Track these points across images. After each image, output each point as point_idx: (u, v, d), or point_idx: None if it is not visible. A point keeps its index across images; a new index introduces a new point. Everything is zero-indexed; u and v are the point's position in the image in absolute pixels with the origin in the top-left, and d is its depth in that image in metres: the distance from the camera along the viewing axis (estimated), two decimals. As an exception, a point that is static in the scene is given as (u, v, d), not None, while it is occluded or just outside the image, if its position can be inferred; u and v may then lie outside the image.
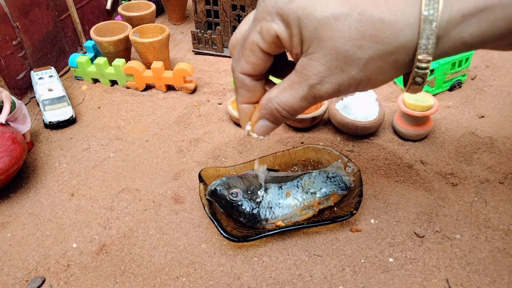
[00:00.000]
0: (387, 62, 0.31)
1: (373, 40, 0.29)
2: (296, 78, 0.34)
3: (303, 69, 0.32)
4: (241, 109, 0.39)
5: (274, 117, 0.37)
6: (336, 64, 0.31)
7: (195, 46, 0.88)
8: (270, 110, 0.36)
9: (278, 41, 0.33)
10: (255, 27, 0.34)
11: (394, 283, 0.43)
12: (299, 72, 0.33)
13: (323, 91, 0.33)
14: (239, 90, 0.38)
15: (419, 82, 0.31)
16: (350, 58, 0.30)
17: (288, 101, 0.35)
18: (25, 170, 0.60)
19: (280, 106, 0.36)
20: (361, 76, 0.31)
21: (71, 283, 0.45)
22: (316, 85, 0.32)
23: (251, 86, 0.37)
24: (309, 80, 0.32)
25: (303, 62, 0.32)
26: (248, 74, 0.37)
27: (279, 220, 0.48)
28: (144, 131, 0.67)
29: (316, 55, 0.31)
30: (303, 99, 0.34)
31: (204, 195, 0.50)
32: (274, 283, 0.44)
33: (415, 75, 0.31)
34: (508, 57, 0.81)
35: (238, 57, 0.36)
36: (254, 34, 0.34)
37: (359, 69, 0.31)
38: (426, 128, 0.60)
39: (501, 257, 0.45)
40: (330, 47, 0.30)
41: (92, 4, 0.90)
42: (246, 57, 0.35)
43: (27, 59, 0.74)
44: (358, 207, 0.48)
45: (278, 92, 0.35)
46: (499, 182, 0.54)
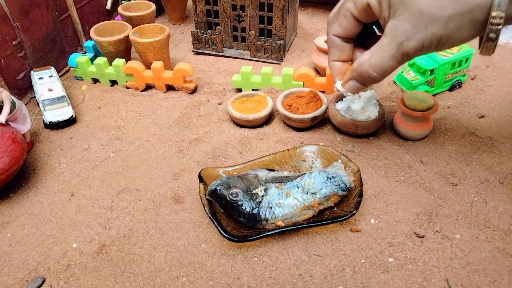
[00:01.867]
0: (465, 20, 0.35)
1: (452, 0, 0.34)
2: (385, 40, 0.39)
3: (392, 29, 0.38)
4: (332, 65, 0.47)
5: (363, 79, 0.43)
6: (421, 23, 0.36)
7: (195, 46, 0.88)
8: (361, 73, 0.43)
9: (368, 8, 0.39)
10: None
11: (394, 283, 0.43)
12: (388, 34, 0.39)
13: (409, 47, 0.38)
14: (330, 49, 0.46)
15: (493, 38, 0.36)
16: (433, 16, 0.35)
17: (378, 62, 0.40)
18: (25, 170, 0.60)
19: (371, 68, 0.41)
20: (442, 33, 0.36)
21: (71, 283, 0.45)
22: (404, 42, 0.38)
23: (341, 46, 0.45)
24: (397, 38, 0.38)
25: (391, 24, 0.38)
26: (339, 36, 0.44)
27: (279, 220, 0.48)
28: (144, 131, 0.67)
29: (403, 16, 0.37)
30: (392, 58, 0.39)
31: (204, 195, 0.50)
32: (274, 283, 0.44)
33: (489, 31, 0.35)
34: (508, 57, 0.81)
35: (332, 21, 0.44)
36: (348, 3, 0.41)
37: (440, 26, 0.36)
38: (426, 128, 0.60)
39: (501, 257, 0.45)
40: (416, 8, 0.36)
41: (92, 4, 0.90)
42: (339, 21, 0.42)
43: (27, 59, 0.74)
44: (358, 207, 0.48)
45: (369, 56, 0.41)
46: (499, 182, 0.54)
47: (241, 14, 0.81)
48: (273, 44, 0.81)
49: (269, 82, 0.73)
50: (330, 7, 1.06)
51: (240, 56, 0.86)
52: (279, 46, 0.81)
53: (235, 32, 0.84)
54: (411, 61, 0.71)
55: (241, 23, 0.82)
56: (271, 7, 0.78)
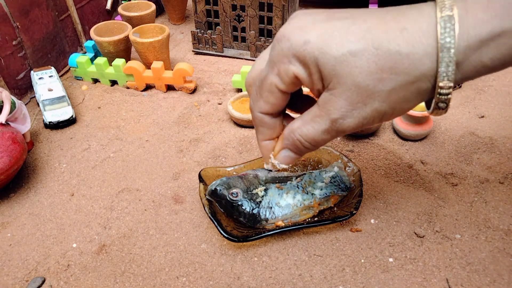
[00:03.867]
0: (410, 91, 0.31)
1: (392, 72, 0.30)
2: (318, 112, 0.34)
3: (325, 103, 0.33)
4: (263, 145, 0.40)
5: (296, 148, 0.38)
6: (358, 99, 0.31)
7: (195, 46, 0.88)
8: (293, 141, 0.37)
9: (297, 81, 0.34)
10: (272, 69, 0.34)
11: (394, 283, 0.43)
12: (321, 106, 0.33)
13: (345, 125, 0.33)
14: (259, 128, 0.39)
15: (443, 107, 0.32)
16: (371, 91, 0.31)
17: (310, 134, 0.35)
18: (25, 170, 0.60)
19: (302, 137, 0.36)
20: (385, 108, 0.32)
21: (71, 283, 0.45)
22: (339, 119, 0.33)
23: (270, 123, 0.38)
24: (331, 115, 0.33)
25: (325, 96, 0.33)
26: (267, 113, 0.37)
27: (279, 220, 0.48)
28: (144, 131, 0.67)
29: (336, 90, 0.31)
30: (325, 133, 0.35)
31: (204, 195, 0.50)
32: (274, 283, 0.44)
33: (438, 100, 0.31)
34: (508, 57, 0.81)
35: (256, 98, 0.37)
36: (272, 77, 0.34)
37: (382, 101, 0.31)
38: (426, 128, 0.60)
39: (501, 257, 0.45)
40: (350, 83, 0.31)
41: (92, 4, 0.90)
42: (264, 98, 0.36)
43: (27, 59, 0.74)
44: (358, 207, 0.48)
45: (301, 124, 0.36)
46: (499, 182, 0.54)
47: (241, 14, 0.81)
48: (273, 44, 0.81)
49: (269, 82, 0.73)
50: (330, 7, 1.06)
51: (240, 56, 0.86)
52: (279, 46, 0.81)
53: (235, 32, 0.84)
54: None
55: (241, 23, 0.82)
56: (271, 7, 0.78)
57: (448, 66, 0.28)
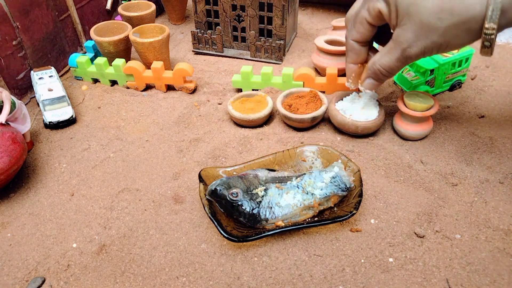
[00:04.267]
0: (461, 30, 0.40)
1: (449, 13, 0.39)
2: (392, 44, 0.46)
3: (397, 37, 0.44)
4: (349, 67, 0.54)
5: (377, 76, 0.50)
6: (422, 32, 0.41)
7: (195, 46, 0.88)
8: (374, 71, 0.50)
9: (380, 15, 0.45)
10: (364, 5, 0.47)
11: (394, 283, 0.43)
12: (394, 40, 0.45)
13: (412, 53, 0.44)
14: (349, 53, 0.52)
15: (488, 45, 0.40)
16: (432, 27, 0.40)
17: (386, 63, 0.47)
18: (25, 170, 0.60)
19: (381, 67, 0.48)
20: (441, 41, 0.41)
21: (71, 283, 0.45)
22: (407, 48, 0.44)
23: (358, 49, 0.51)
24: (401, 45, 0.44)
25: (397, 31, 0.44)
26: (357, 41, 0.50)
27: (279, 220, 0.48)
28: (144, 131, 0.67)
29: (406, 26, 0.42)
30: (398, 60, 0.46)
31: (204, 195, 0.50)
32: (274, 283, 0.44)
33: (484, 39, 0.39)
34: (508, 57, 0.81)
35: (350, 28, 0.50)
36: (363, 11, 0.47)
37: (439, 35, 0.41)
38: (426, 128, 0.60)
39: (501, 257, 0.45)
40: (417, 19, 0.41)
41: (92, 4, 0.90)
42: (357, 28, 0.49)
43: (27, 59, 0.74)
44: (358, 207, 0.48)
45: (380, 57, 0.48)
46: (499, 182, 0.54)
47: (241, 14, 0.81)
48: (273, 44, 0.81)
49: (269, 82, 0.73)
50: (330, 7, 1.06)
51: (240, 56, 0.86)
52: (279, 46, 0.81)
53: (235, 32, 0.84)
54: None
55: (241, 23, 0.82)
56: (271, 7, 0.78)
57: (493, 11, 0.37)
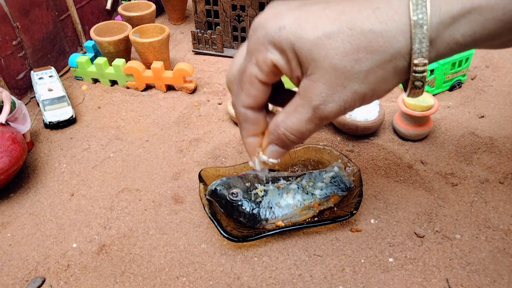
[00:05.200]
0: (387, 70, 0.31)
1: (368, 51, 0.29)
2: (299, 101, 0.33)
3: (305, 91, 0.32)
4: (247, 142, 0.39)
5: (282, 142, 0.37)
6: (337, 82, 0.31)
7: (195, 46, 0.88)
8: (278, 135, 0.36)
9: (275, 69, 0.33)
10: (250, 59, 0.34)
11: (394, 283, 0.43)
12: (302, 95, 0.33)
13: (328, 111, 0.32)
14: (243, 124, 0.38)
15: (419, 85, 0.31)
16: (349, 73, 0.30)
17: (294, 125, 0.35)
18: (25, 170, 0.60)
19: (287, 130, 0.35)
20: (364, 89, 0.31)
21: (71, 283, 0.45)
22: (320, 105, 0.32)
23: (254, 118, 0.38)
24: (312, 102, 0.32)
25: (304, 84, 0.32)
26: (250, 107, 0.37)
27: (279, 220, 0.48)
28: (144, 131, 0.67)
29: (315, 76, 0.31)
30: (309, 122, 0.34)
31: (204, 195, 0.50)
32: (274, 283, 0.44)
33: (414, 79, 0.31)
34: (508, 57, 0.81)
35: (237, 92, 0.37)
36: (251, 67, 0.34)
37: (360, 82, 0.31)
38: (426, 128, 0.60)
39: (501, 257, 0.45)
40: (328, 66, 0.30)
41: (92, 4, 0.90)
42: (246, 90, 0.35)
43: (27, 59, 0.74)
44: (358, 207, 0.48)
45: (284, 117, 0.35)
46: (499, 182, 0.54)
47: (241, 14, 0.81)
48: (273, 44, 0.81)
49: (269, 82, 0.73)
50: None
51: (240, 56, 0.86)
52: (279, 46, 0.81)
53: (235, 32, 0.84)
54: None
55: (241, 23, 0.82)
56: (271, 7, 0.78)
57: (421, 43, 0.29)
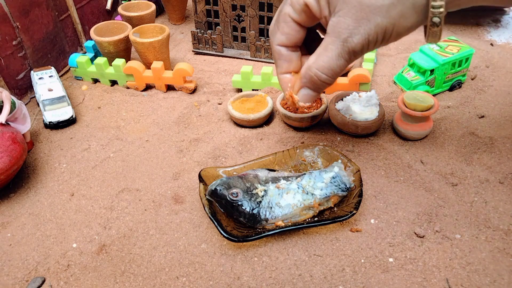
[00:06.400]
0: (407, 6, 0.33)
1: None
2: (328, 39, 0.36)
3: (334, 27, 0.35)
4: (281, 78, 0.42)
5: (314, 84, 0.39)
6: (362, 15, 0.34)
7: (195, 46, 0.88)
8: (310, 78, 0.39)
9: (307, 8, 0.36)
10: (286, 1, 0.37)
11: (394, 283, 0.43)
12: (331, 32, 0.36)
13: (354, 42, 0.35)
14: (277, 61, 0.41)
15: (437, 22, 0.34)
16: (373, 6, 0.33)
17: (325, 63, 0.37)
18: (25, 170, 0.60)
19: (319, 70, 0.38)
20: (386, 23, 0.34)
21: (71, 283, 0.45)
22: (348, 38, 0.35)
23: (287, 56, 0.40)
24: (341, 35, 0.35)
25: (332, 21, 0.35)
26: (284, 45, 0.39)
27: (279, 220, 0.48)
28: (144, 131, 0.67)
29: (343, 11, 0.34)
30: (339, 57, 0.36)
31: (204, 195, 0.50)
32: (274, 283, 0.44)
33: (432, 15, 0.34)
34: (508, 57, 0.81)
35: (273, 30, 0.40)
36: (286, 7, 0.37)
37: (383, 16, 0.34)
38: (426, 128, 0.60)
39: (501, 257, 0.45)
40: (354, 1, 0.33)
41: (92, 4, 0.90)
42: (280, 28, 0.39)
43: (27, 59, 0.74)
44: (358, 207, 0.48)
45: (316, 58, 0.38)
46: (499, 182, 0.54)
47: (241, 14, 0.81)
48: (273, 44, 0.81)
49: (269, 82, 0.73)
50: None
51: (240, 56, 0.86)
52: (279, 46, 0.81)
53: (235, 32, 0.84)
54: (411, 61, 0.71)
55: (241, 23, 0.82)
56: (271, 7, 0.78)
57: None
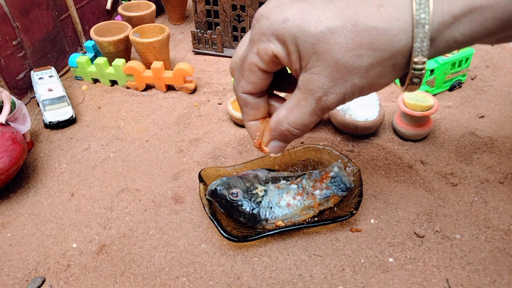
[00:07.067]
0: (386, 66, 0.31)
1: (370, 48, 0.30)
2: (301, 95, 0.34)
3: (306, 84, 0.33)
4: (249, 126, 0.40)
5: (285, 137, 0.38)
6: (338, 75, 0.32)
7: (195, 46, 0.88)
8: (281, 132, 0.37)
9: (276, 59, 0.34)
10: (252, 48, 0.34)
11: (394, 283, 0.43)
12: (303, 88, 0.34)
13: (329, 101, 0.33)
14: (243, 109, 0.39)
15: (416, 82, 0.33)
16: (350, 67, 0.31)
17: (298, 119, 0.36)
18: (25, 170, 0.60)
19: (291, 126, 0.36)
20: (363, 83, 0.32)
21: (71, 283, 0.45)
22: (322, 97, 0.33)
23: (254, 103, 0.38)
24: (315, 94, 0.33)
25: (305, 78, 0.33)
26: (250, 93, 0.38)
27: (279, 220, 0.48)
28: (144, 131, 0.67)
29: (317, 69, 0.32)
30: (312, 114, 0.35)
31: (204, 195, 0.50)
32: (274, 283, 0.44)
33: (412, 76, 0.32)
34: (508, 57, 0.81)
35: (238, 78, 0.37)
36: (252, 56, 0.35)
37: (360, 77, 0.32)
38: (426, 128, 0.60)
39: (501, 257, 0.45)
40: (330, 60, 0.31)
41: (92, 4, 0.90)
42: (246, 77, 0.36)
43: (27, 59, 0.74)
44: (358, 207, 0.48)
45: (286, 113, 0.36)
46: (499, 182, 0.54)
47: (241, 14, 0.81)
48: (273, 44, 0.81)
49: (269, 82, 0.73)
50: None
51: (240, 56, 0.86)
52: (279, 46, 0.81)
53: (235, 32, 0.84)
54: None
55: (241, 23, 0.82)
56: (271, 7, 0.78)
57: (422, 42, 0.29)
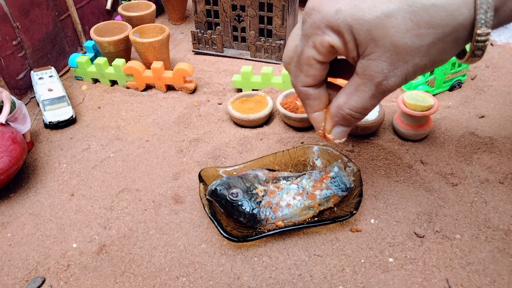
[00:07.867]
0: (448, 42, 0.31)
1: (430, 26, 0.30)
2: (360, 81, 0.35)
3: (365, 70, 0.33)
4: (313, 117, 0.41)
5: (347, 122, 0.39)
6: (398, 58, 0.32)
7: (195, 46, 0.88)
8: (342, 117, 0.38)
9: (333, 50, 0.34)
10: (307, 43, 0.35)
11: (394, 283, 0.43)
12: (362, 74, 0.34)
13: (390, 85, 0.34)
14: (306, 101, 0.40)
15: (479, 54, 0.32)
16: (410, 49, 0.31)
17: (358, 104, 0.36)
18: (25, 170, 0.60)
19: (352, 110, 0.37)
20: (425, 62, 0.32)
21: (71, 283, 0.45)
22: (383, 81, 0.33)
23: (315, 94, 0.39)
24: (375, 79, 0.34)
25: (363, 64, 0.33)
26: (310, 86, 0.38)
27: (279, 220, 0.48)
28: (144, 131, 0.67)
29: (375, 54, 0.32)
30: (373, 97, 0.35)
31: (204, 195, 0.50)
32: (274, 283, 0.44)
33: (475, 48, 0.32)
34: (508, 57, 0.81)
35: (296, 73, 0.38)
36: (309, 50, 0.35)
37: (422, 56, 0.32)
38: (426, 128, 0.60)
39: (501, 257, 0.45)
40: (388, 44, 0.31)
41: (92, 4, 0.90)
42: (305, 71, 0.37)
43: (27, 59, 0.74)
44: (358, 207, 0.48)
45: (346, 98, 0.36)
46: (499, 182, 0.54)
47: (241, 14, 0.81)
48: (273, 44, 0.81)
49: (269, 82, 0.73)
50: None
51: (240, 56, 0.86)
52: (279, 46, 0.81)
53: (235, 32, 0.84)
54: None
55: (241, 23, 0.82)
56: (271, 7, 0.78)
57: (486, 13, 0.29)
